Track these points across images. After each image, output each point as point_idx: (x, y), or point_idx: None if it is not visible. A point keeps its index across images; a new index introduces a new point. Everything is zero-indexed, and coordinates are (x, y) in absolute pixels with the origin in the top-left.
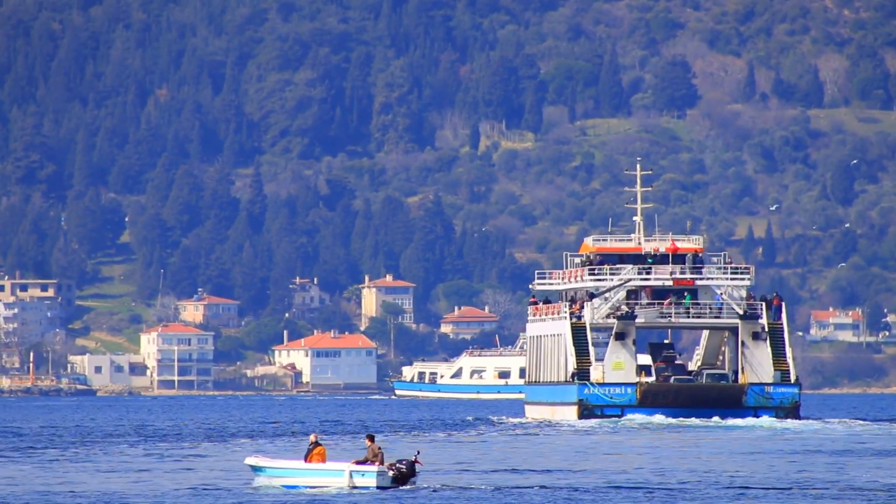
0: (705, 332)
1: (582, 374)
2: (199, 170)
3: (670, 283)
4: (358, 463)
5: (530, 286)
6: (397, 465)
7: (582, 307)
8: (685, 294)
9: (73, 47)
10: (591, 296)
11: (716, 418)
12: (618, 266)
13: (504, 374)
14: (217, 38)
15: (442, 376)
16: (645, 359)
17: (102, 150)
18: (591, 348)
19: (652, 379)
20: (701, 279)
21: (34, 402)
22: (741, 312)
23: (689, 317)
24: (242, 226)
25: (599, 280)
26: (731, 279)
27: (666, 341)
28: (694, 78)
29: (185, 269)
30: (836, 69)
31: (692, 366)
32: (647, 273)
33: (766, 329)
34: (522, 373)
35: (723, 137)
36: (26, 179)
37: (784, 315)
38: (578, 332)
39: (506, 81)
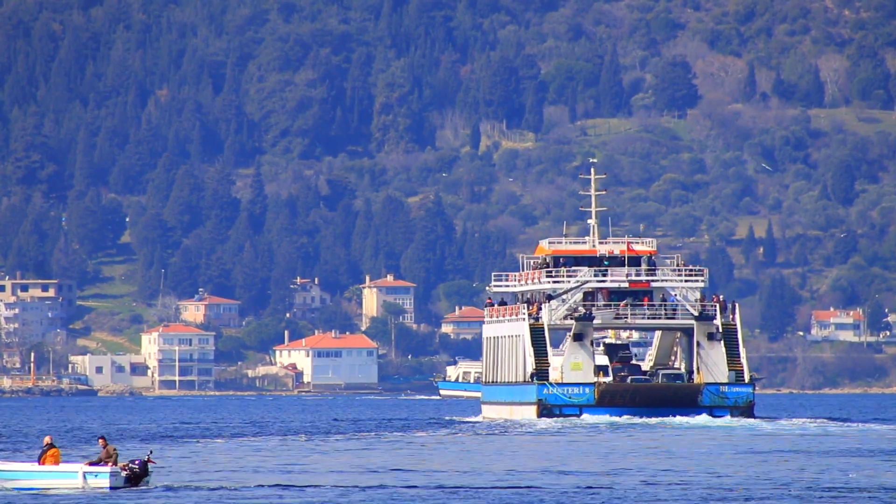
0: (658, 333)
1: (541, 374)
2: (200, 170)
3: (626, 284)
4: (91, 464)
5: (487, 288)
6: (130, 465)
7: (539, 308)
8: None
9: (73, 47)
10: (549, 297)
11: (678, 417)
12: (574, 268)
13: None
14: (217, 39)
15: None
16: (602, 359)
17: (103, 150)
18: (549, 349)
19: (609, 379)
20: (656, 281)
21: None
22: (696, 314)
23: (645, 318)
24: (243, 226)
25: (556, 282)
26: (686, 281)
27: (620, 342)
28: (694, 78)
29: (185, 269)
30: (836, 69)
31: (645, 366)
32: (604, 275)
33: (721, 330)
34: None
35: (723, 137)
36: (27, 180)
37: (738, 316)
38: (537, 333)
39: (506, 81)
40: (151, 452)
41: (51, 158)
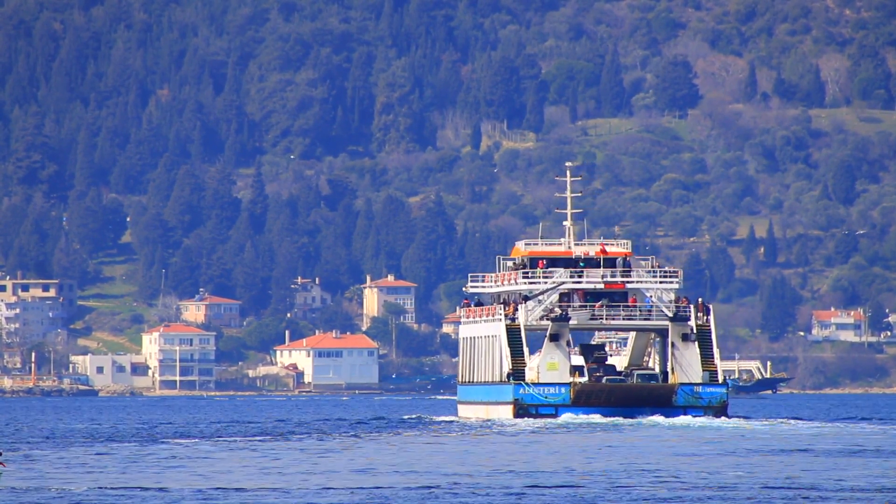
0: (632, 334)
1: (517, 374)
2: (201, 170)
3: (601, 286)
4: None
5: (464, 288)
6: None
7: (515, 309)
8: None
9: (74, 47)
10: (525, 298)
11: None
12: (550, 269)
13: None
14: (218, 38)
15: None
16: (578, 359)
17: (104, 150)
18: (525, 349)
19: (585, 379)
20: (631, 282)
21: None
22: (671, 315)
23: (620, 318)
24: (244, 226)
25: (532, 283)
26: (661, 282)
27: (593, 342)
28: (695, 78)
29: (186, 269)
30: (837, 69)
31: (619, 366)
32: (580, 276)
33: (695, 331)
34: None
35: (724, 137)
36: (28, 179)
37: (712, 317)
38: (513, 334)
39: (507, 81)
40: (1, 454)
41: (52, 158)
